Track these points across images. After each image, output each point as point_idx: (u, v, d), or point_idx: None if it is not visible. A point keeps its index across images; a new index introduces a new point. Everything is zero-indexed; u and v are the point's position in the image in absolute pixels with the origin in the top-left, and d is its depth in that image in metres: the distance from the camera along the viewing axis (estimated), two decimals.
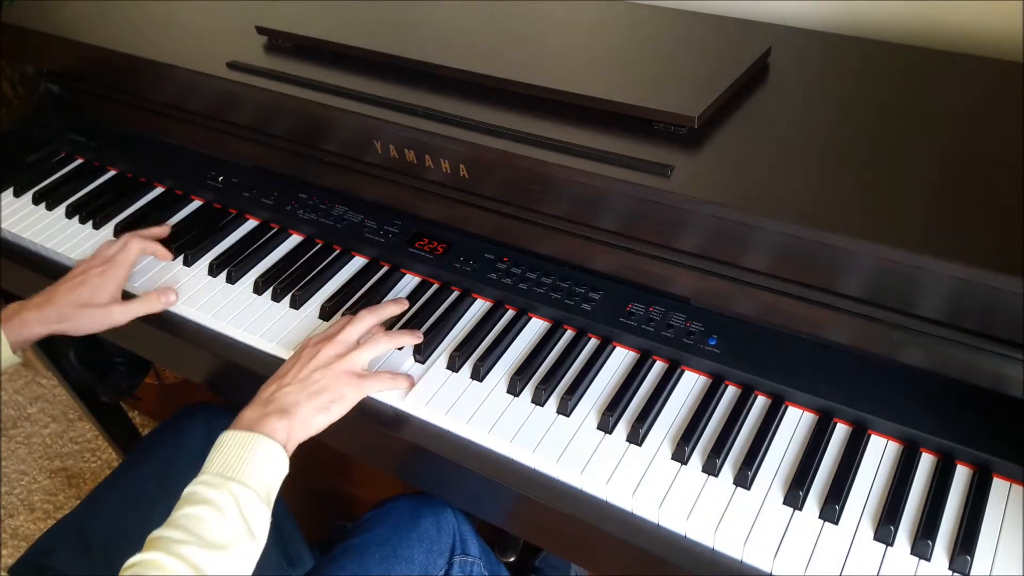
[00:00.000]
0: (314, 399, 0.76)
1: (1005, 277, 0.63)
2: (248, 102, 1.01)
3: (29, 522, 1.68)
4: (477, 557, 0.95)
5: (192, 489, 0.69)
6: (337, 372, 0.78)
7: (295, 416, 0.74)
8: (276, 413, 0.74)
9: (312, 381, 0.77)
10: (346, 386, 0.78)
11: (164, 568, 0.63)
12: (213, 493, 0.67)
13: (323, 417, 0.76)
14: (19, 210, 1.12)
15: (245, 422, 0.74)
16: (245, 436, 0.71)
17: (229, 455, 0.70)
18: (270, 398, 0.76)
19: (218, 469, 0.70)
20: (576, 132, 0.82)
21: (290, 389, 0.76)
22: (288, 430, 0.73)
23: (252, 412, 0.75)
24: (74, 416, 1.88)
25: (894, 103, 0.84)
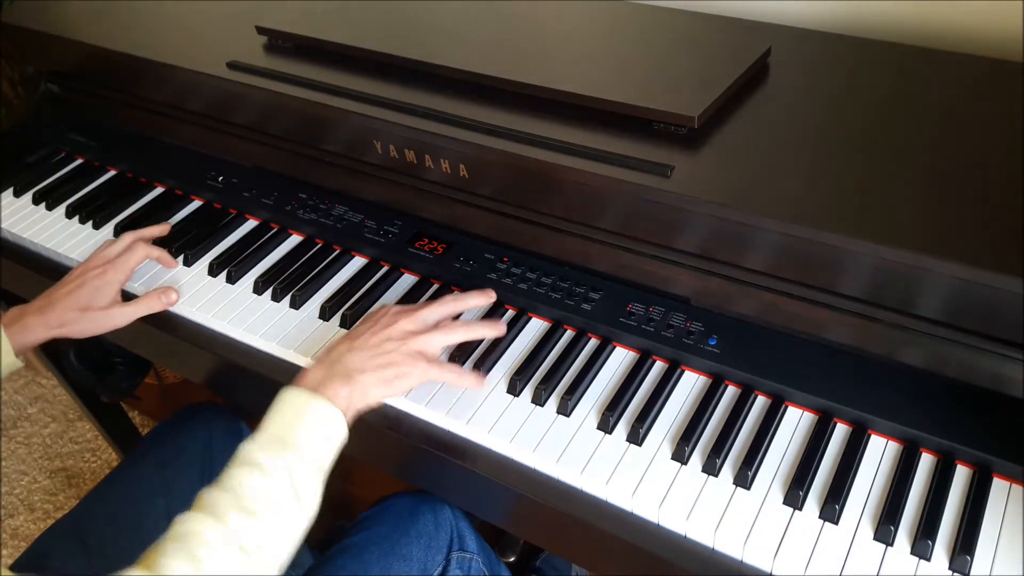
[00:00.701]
0: (380, 371, 0.75)
1: (1005, 277, 0.63)
2: (248, 102, 1.01)
3: (29, 522, 1.68)
4: (475, 553, 0.95)
5: (245, 448, 0.68)
6: (409, 349, 0.77)
7: (357, 383, 0.73)
8: (340, 377, 0.73)
9: (383, 351, 0.76)
10: (413, 365, 0.76)
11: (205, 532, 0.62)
12: (264, 456, 0.67)
13: (384, 389, 0.75)
14: (19, 210, 1.12)
15: (309, 381, 0.73)
16: (305, 397, 0.71)
17: (287, 416, 0.69)
18: (337, 358, 0.75)
19: (274, 430, 0.68)
20: (576, 132, 0.82)
21: (359, 355, 0.75)
22: (349, 397, 0.72)
23: (317, 371, 0.74)
24: (74, 416, 1.88)
25: (894, 103, 0.84)
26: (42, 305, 0.90)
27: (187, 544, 0.62)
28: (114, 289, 0.93)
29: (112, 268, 0.93)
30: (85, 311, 0.90)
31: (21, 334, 0.89)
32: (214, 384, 0.98)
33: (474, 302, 0.85)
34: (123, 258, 0.94)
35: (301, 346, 0.87)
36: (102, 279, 0.92)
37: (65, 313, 0.90)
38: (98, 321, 0.91)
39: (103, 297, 0.92)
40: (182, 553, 0.61)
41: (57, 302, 0.90)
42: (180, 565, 0.61)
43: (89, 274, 0.93)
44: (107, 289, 0.92)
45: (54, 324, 0.90)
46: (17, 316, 0.90)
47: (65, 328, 0.90)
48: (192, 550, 0.61)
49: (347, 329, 0.89)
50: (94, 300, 0.91)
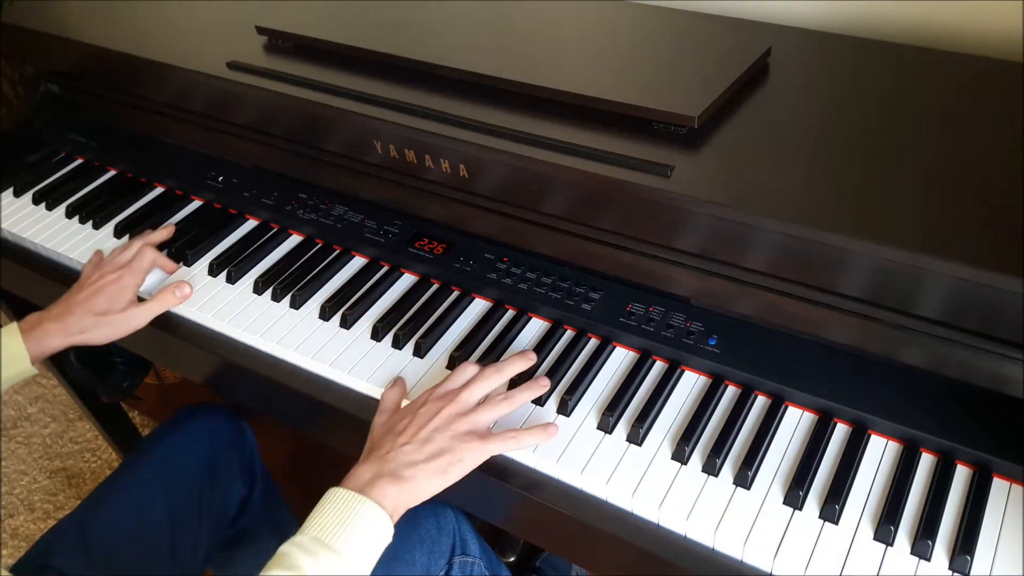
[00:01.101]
0: (432, 461, 0.72)
1: (1005, 277, 0.63)
2: (248, 102, 1.01)
3: (29, 522, 1.68)
4: (477, 557, 0.95)
5: (287, 549, 0.66)
6: (458, 433, 0.73)
7: (408, 482, 0.70)
8: (389, 476, 0.70)
9: (431, 441, 0.73)
10: (466, 448, 0.73)
11: None
12: (307, 561, 0.65)
13: (439, 481, 0.72)
14: (19, 210, 1.12)
15: (356, 481, 0.70)
16: (352, 498, 0.68)
17: (332, 517, 0.68)
18: (386, 456, 0.72)
19: (316, 532, 0.67)
20: (576, 132, 0.82)
21: (408, 449, 0.72)
22: (397, 496, 0.70)
23: (366, 470, 0.71)
24: (74, 416, 1.88)
25: (894, 103, 0.84)
26: (60, 312, 0.90)
27: None
28: (130, 292, 0.93)
29: (127, 272, 0.94)
30: (103, 316, 0.91)
31: (40, 341, 0.89)
32: (214, 384, 0.98)
33: (514, 369, 0.81)
34: (136, 262, 0.95)
35: (301, 346, 0.87)
36: (118, 284, 0.93)
37: (84, 319, 0.90)
38: (117, 325, 0.91)
39: (120, 301, 0.92)
40: None
41: (75, 308, 0.90)
42: None
43: (105, 279, 0.93)
44: (124, 293, 0.93)
45: (74, 331, 0.90)
46: (36, 323, 0.89)
47: (85, 335, 0.90)
48: None
49: (347, 329, 0.89)
50: (112, 305, 0.92)
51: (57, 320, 0.89)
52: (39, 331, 0.89)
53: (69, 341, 0.90)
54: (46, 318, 0.90)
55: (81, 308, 0.90)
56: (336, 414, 0.84)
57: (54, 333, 0.89)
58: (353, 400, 0.83)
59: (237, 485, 1.09)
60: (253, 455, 1.13)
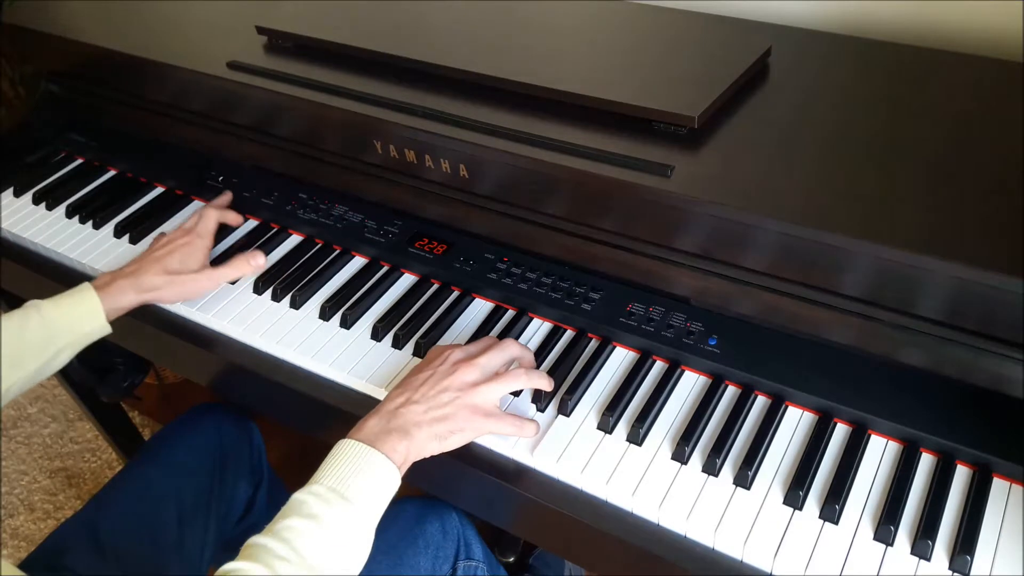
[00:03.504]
0: (435, 425, 0.73)
1: (1005, 277, 0.63)
2: (248, 102, 1.01)
3: (29, 522, 1.68)
4: (481, 561, 0.95)
5: (301, 498, 0.67)
6: (466, 403, 0.75)
7: (415, 438, 0.72)
8: (398, 431, 0.72)
9: (440, 403, 0.74)
10: (469, 421, 0.74)
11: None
12: (320, 508, 0.66)
13: (436, 444, 0.73)
14: (19, 210, 1.12)
15: (366, 432, 0.72)
16: (363, 450, 0.70)
17: (344, 467, 0.69)
18: (395, 411, 0.73)
19: (331, 482, 0.68)
20: (576, 132, 0.82)
21: (417, 408, 0.74)
22: (406, 452, 0.71)
23: (375, 423, 0.72)
24: (74, 416, 1.88)
25: (894, 103, 0.84)
26: (134, 270, 0.91)
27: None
28: (201, 253, 0.95)
29: (196, 236, 0.95)
30: (175, 275, 0.92)
31: (113, 297, 0.89)
32: (215, 384, 0.98)
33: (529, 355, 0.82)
34: (202, 224, 0.96)
35: (301, 346, 0.87)
36: (190, 247, 0.94)
37: (157, 277, 0.91)
38: (188, 285, 0.92)
39: (192, 263, 0.93)
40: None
41: (148, 267, 0.91)
42: None
43: (176, 242, 0.94)
44: (196, 254, 0.94)
45: (146, 288, 0.90)
46: (109, 280, 0.90)
47: (156, 292, 0.91)
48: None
49: (347, 329, 0.89)
50: (184, 265, 0.93)
51: (130, 277, 0.90)
52: (113, 287, 0.89)
53: (142, 299, 0.91)
54: (119, 276, 0.90)
55: (154, 267, 0.91)
56: (336, 414, 0.84)
57: (127, 289, 0.90)
58: (353, 400, 0.83)
59: (244, 484, 1.09)
60: (260, 454, 1.13)
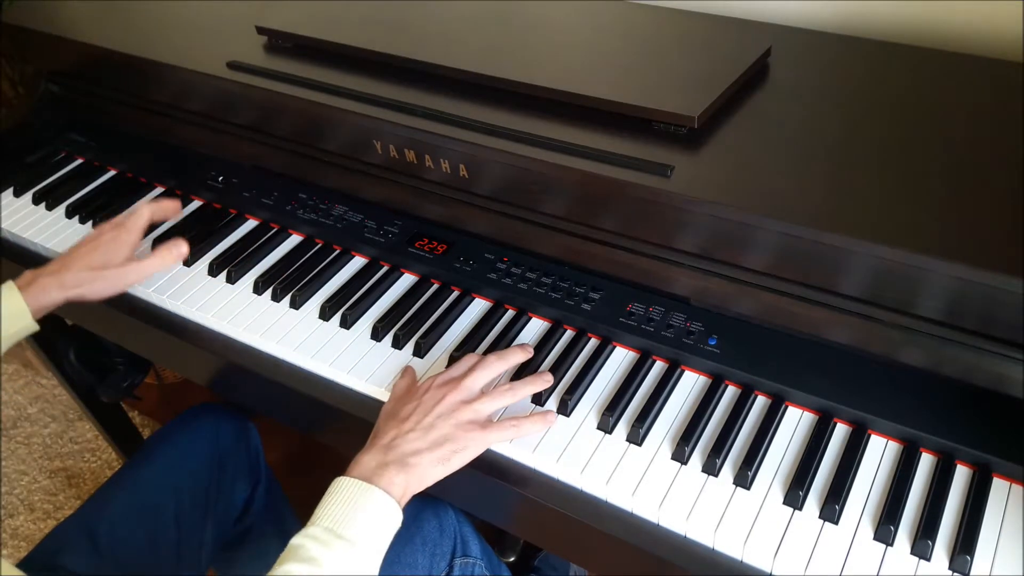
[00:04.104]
0: (436, 450, 0.72)
1: (1005, 277, 0.63)
2: (248, 102, 1.01)
3: (29, 522, 1.68)
4: (478, 558, 0.95)
5: (299, 541, 0.66)
6: (460, 422, 0.74)
7: (414, 469, 0.71)
8: (395, 464, 0.70)
9: (435, 429, 0.73)
10: (468, 437, 0.73)
11: None
12: (319, 551, 0.65)
13: (441, 469, 0.72)
14: (19, 210, 1.12)
15: (363, 469, 0.70)
16: (361, 487, 0.68)
17: (341, 507, 0.68)
18: (390, 444, 0.72)
19: (328, 523, 0.67)
20: (576, 132, 0.82)
21: (412, 436, 0.73)
22: (405, 484, 0.70)
23: (371, 459, 0.71)
24: (74, 416, 1.88)
25: (894, 103, 0.84)
26: (56, 267, 0.90)
27: None
28: (127, 248, 0.93)
29: (124, 230, 0.93)
30: (100, 271, 0.90)
31: (37, 296, 0.88)
32: (214, 384, 0.98)
33: (516, 358, 0.82)
34: (132, 220, 0.95)
35: (301, 346, 0.87)
36: (115, 241, 0.92)
37: (80, 273, 0.90)
38: (113, 280, 0.91)
39: (117, 256, 0.92)
40: None
41: (72, 263, 0.90)
42: None
43: (101, 237, 0.93)
44: (121, 249, 0.92)
45: (70, 285, 0.89)
46: (32, 279, 0.89)
47: (81, 288, 0.90)
48: None
49: (347, 329, 0.89)
50: (109, 259, 0.91)
51: (53, 275, 0.89)
52: (36, 286, 0.88)
53: (66, 295, 0.89)
54: (42, 273, 0.89)
55: (78, 263, 0.90)
56: (336, 414, 0.84)
57: (50, 287, 0.88)
58: (353, 400, 0.83)
59: (242, 485, 1.09)
60: (257, 454, 1.13)
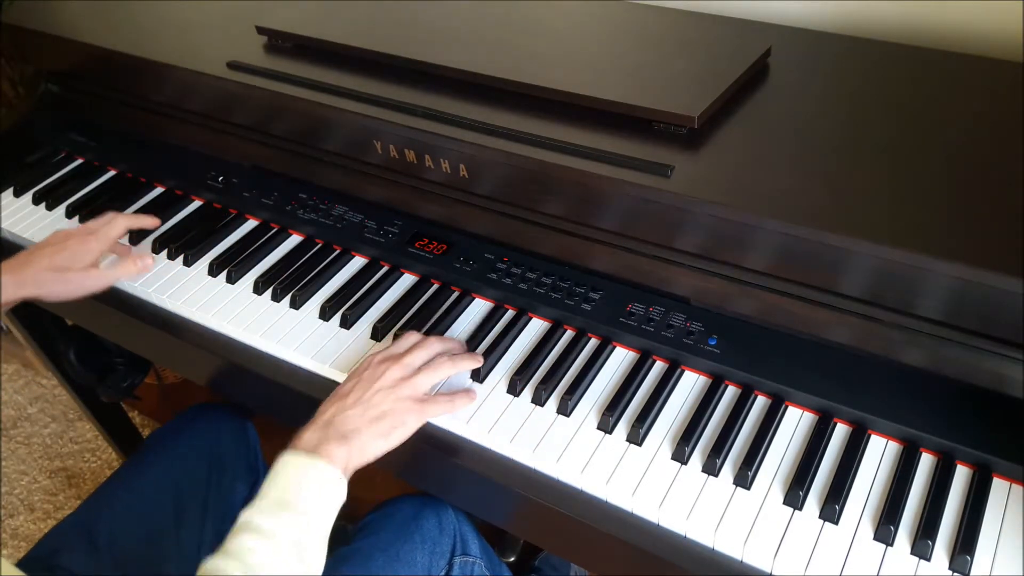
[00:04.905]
0: (375, 424, 0.73)
1: (1005, 277, 0.63)
2: (248, 102, 1.01)
3: (29, 522, 1.68)
4: (478, 557, 0.95)
5: (248, 517, 0.67)
6: (399, 397, 0.76)
7: (354, 442, 0.72)
8: (336, 438, 0.71)
9: (373, 404, 0.75)
10: (407, 412, 0.75)
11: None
12: (269, 523, 0.66)
13: (382, 443, 0.73)
14: (19, 210, 1.12)
15: (304, 444, 0.71)
16: (303, 461, 0.69)
17: (287, 480, 0.69)
18: (330, 420, 0.73)
19: (275, 495, 0.68)
20: (576, 132, 0.82)
21: (352, 413, 0.74)
22: (347, 457, 0.71)
23: (312, 435, 0.72)
24: (74, 416, 1.88)
25: (894, 103, 0.84)
26: (17, 265, 0.88)
27: None
28: (93, 255, 0.92)
29: (94, 237, 0.92)
30: (61, 273, 0.89)
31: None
32: (214, 384, 0.98)
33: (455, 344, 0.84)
34: (105, 229, 0.93)
35: (301, 346, 0.87)
36: (82, 245, 0.91)
37: (41, 275, 0.88)
38: (73, 283, 0.90)
39: (80, 261, 0.90)
40: None
41: (34, 261, 0.88)
42: None
43: (71, 239, 0.91)
44: (87, 255, 0.91)
45: (29, 285, 0.87)
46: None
47: (39, 289, 0.88)
48: None
49: (347, 329, 0.89)
50: (72, 262, 0.90)
51: (12, 272, 0.87)
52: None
53: (22, 293, 0.88)
54: (2, 271, 0.87)
55: (40, 262, 0.88)
56: None
57: (9, 286, 0.87)
58: None
59: (240, 484, 1.09)
60: (256, 453, 1.13)
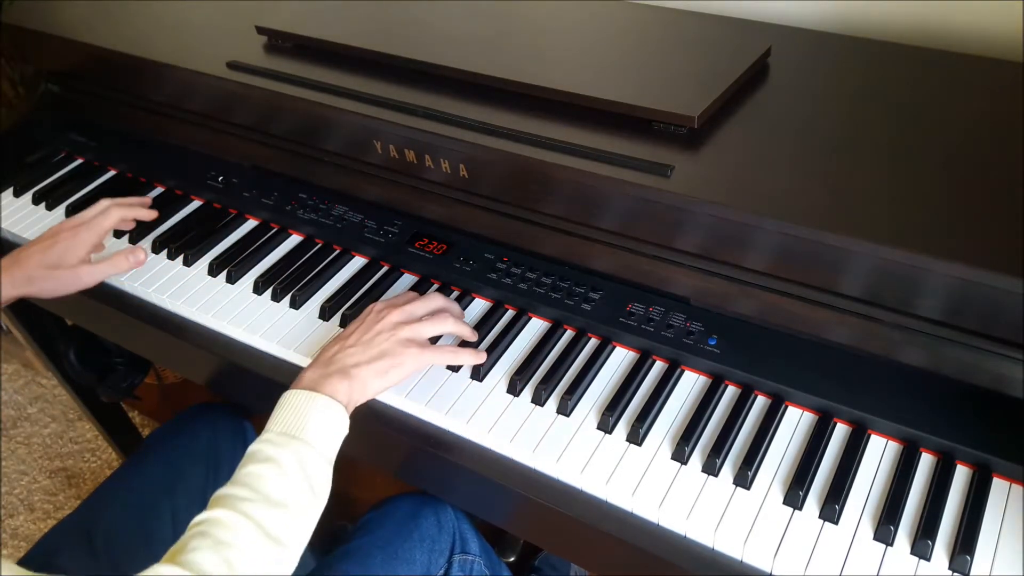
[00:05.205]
0: (374, 363, 0.76)
1: (1005, 277, 0.63)
2: (248, 102, 1.01)
3: (29, 522, 1.68)
4: (477, 555, 0.95)
5: (255, 447, 0.69)
6: (399, 339, 0.79)
7: (356, 377, 0.75)
8: (337, 374, 0.75)
9: (374, 344, 0.78)
10: (405, 354, 0.78)
11: (231, 525, 0.63)
12: (275, 451, 0.68)
13: (380, 381, 0.77)
14: (19, 210, 1.12)
15: (306, 381, 0.74)
16: (307, 395, 0.72)
17: (291, 414, 0.71)
18: (332, 358, 0.77)
19: (281, 428, 0.70)
20: (576, 132, 0.82)
21: (353, 351, 0.77)
22: (349, 391, 0.74)
23: (313, 372, 0.76)
24: (74, 416, 1.88)
25: (893, 103, 0.84)
26: (9, 263, 0.88)
27: (216, 539, 0.62)
28: (84, 249, 0.91)
29: (85, 228, 0.91)
30: (53, 270, 0.88)
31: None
32: (214, 384, 0.98)
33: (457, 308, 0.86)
34: (97, 220, 0.93)
35: (301, 346, 0.87)
36: (74, 239, 0.90)
37: (33, 271, 0.88)
38: (64, 281, 0.89)
39: (72, 256, 0.90)
40: (212, 549, 0.61)
41: (25, 260, 0.88)
42: (211, 559, 0.61)
43: (62, 234, 0.91)
44: (78, 248, 0.90)
45: (21, 282, 0.87)
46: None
47: (32, 286, 0.88)
48: (221, 545, 0.62)
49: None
50: (63, 259, 0.89)
51: (5, 271, 0.87)
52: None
53: (16, 292, 0.88)
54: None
55: (32, 259, 0.88)
56: None
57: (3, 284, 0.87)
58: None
59: None
60: None
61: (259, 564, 0.63)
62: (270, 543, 0.64)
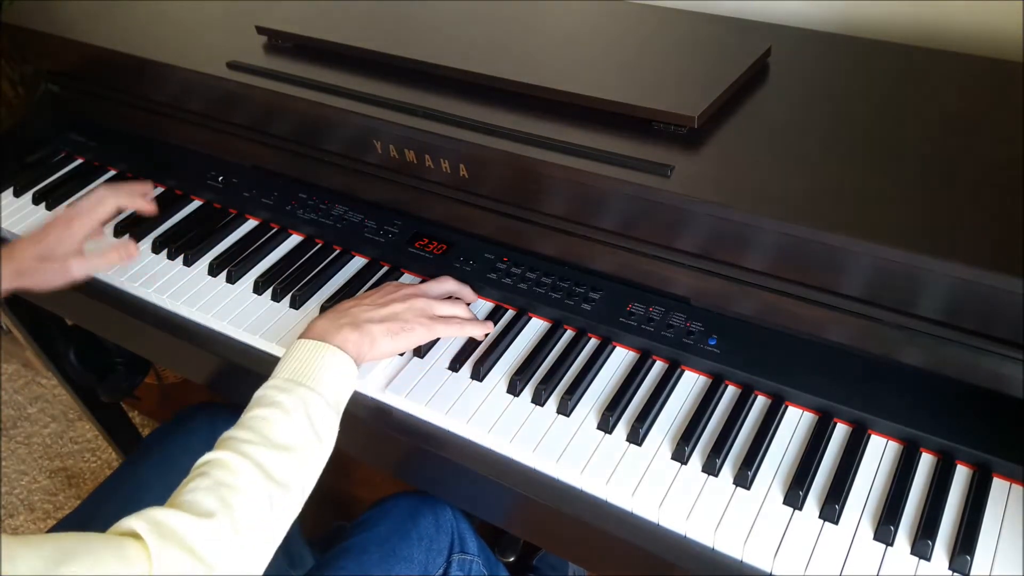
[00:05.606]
0: (387, 323, 0.78)
1: (1005, 277, 0.63)
2: (248, 102, 1.01)
3: (29, 522, 1.68)
4: (475, 555, 0.95)
5: (262, 392, 0.70)
6: (413, 308, 0.80)
7: (366, 333, 0.76)
8: (348, 325, 0.75)
9: (388, 307, 0.79)
10: (417, 322, 0.80)
11: (232, 466, 0.64)
12: (282, 396, 0.68)
13: (390, 342, 0.77)
14: (19, 210, 1.12)
15: (318, 331, 0.75)
16: (317, 344, 0.73)
17: (300, 361, 0.71)
18: (345, 312, 0.78)
19: (288, 374, 0.70)
20: (576, 132, 0.82)
21: (366, 307, 0.78)
22: (359, 344, 0.75)
23: (325, 322, 0.76)
24: (74, 416, 1.89)
25: (894, 103, 0.84)
26: (3, 256, 0.87)
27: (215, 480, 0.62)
28: (77, 240, 0.90)
29: (79, 219, 0.90)
30: (44, 262, 0.88)
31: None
32: (214, 384, 0.98)
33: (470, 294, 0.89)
34: (92, 209, 0.91)
35: None
36: (67, 229, 0.89)
37: (25, 263, 0.87)
38: (55, 273, 0.88)
39: (63, 247, 0.89)
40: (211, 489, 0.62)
41: (18, 252, 0.87)
42: (212, 502, 0.61)
43: (53, 227, 0.90)
44: (70, 239, 0.89)
45: (12, 275, 0.87)
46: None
47: (25, 279, 0.87)
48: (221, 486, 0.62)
49: None
50: (54, 250, 0.88)
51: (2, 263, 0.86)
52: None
53: (9, 285, 0.87)
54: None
55: (25, 251, 0.87)
56: None
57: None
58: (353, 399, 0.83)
59: None
60: None
61: (258, 505, 0.63)
62: (272, 485, 0.64)
